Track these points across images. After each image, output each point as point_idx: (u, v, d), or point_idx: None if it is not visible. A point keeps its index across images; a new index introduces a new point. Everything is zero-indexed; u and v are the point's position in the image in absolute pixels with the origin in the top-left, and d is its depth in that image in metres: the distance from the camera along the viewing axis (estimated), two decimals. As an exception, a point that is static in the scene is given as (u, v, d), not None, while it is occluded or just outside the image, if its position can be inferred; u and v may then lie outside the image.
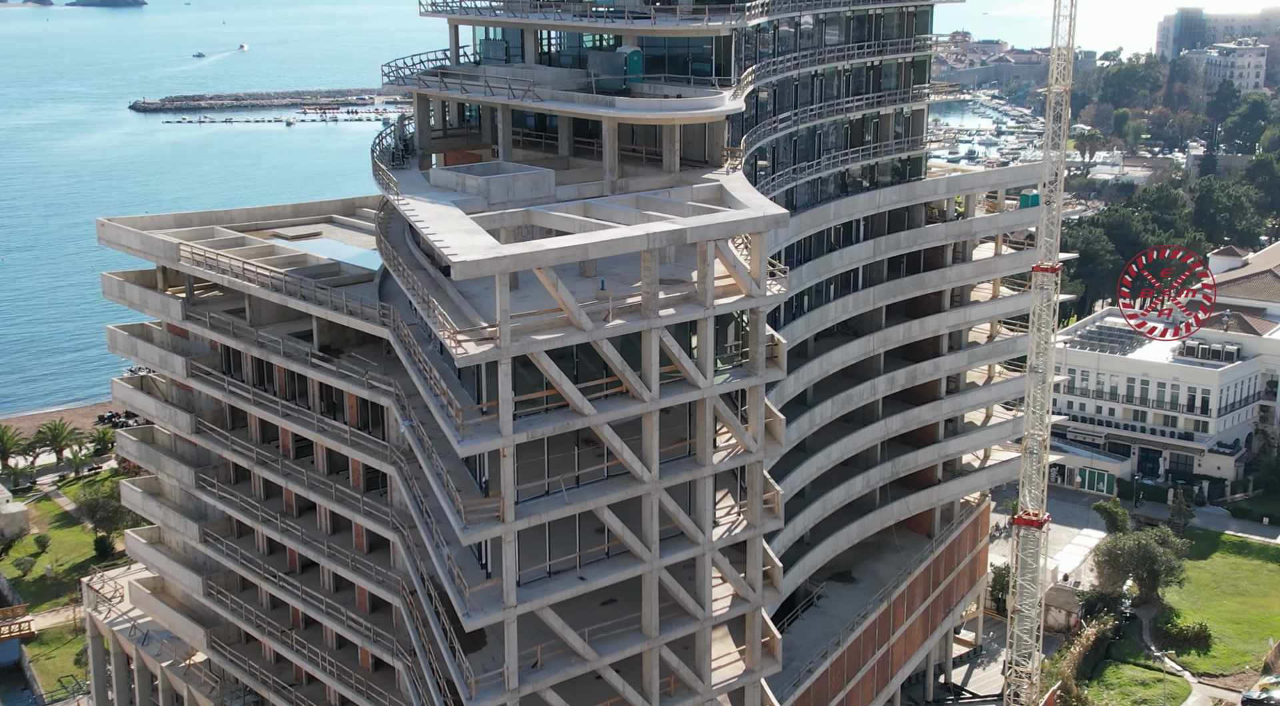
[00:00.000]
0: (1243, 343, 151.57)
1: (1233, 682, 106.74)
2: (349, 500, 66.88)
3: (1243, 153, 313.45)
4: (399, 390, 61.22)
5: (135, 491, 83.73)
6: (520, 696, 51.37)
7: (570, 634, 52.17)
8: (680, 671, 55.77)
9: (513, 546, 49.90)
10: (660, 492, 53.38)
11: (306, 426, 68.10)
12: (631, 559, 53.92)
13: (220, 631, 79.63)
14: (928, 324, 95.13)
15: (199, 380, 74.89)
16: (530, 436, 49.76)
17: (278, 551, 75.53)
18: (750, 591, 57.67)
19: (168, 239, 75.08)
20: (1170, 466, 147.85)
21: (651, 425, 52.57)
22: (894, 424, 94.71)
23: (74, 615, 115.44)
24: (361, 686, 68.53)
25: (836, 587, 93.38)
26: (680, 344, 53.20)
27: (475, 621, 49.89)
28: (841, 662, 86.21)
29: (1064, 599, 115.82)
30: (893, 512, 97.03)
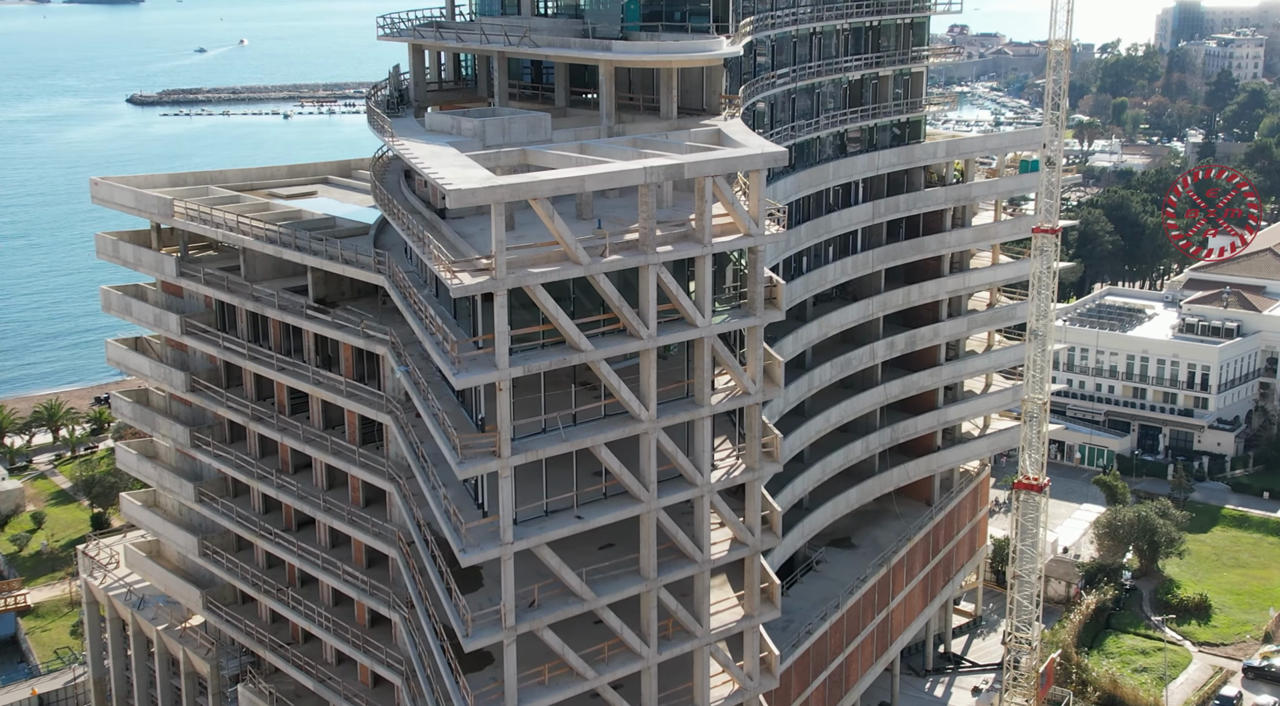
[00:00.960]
0: (1243, 319, 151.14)
1: (1233, 651, 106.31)
2: (345, 452, 66.38)
3: (1241, 141, 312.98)
4: (394, 337, 60.76)
5: (130, 453, 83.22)
6: (517, 634, 50.84)
7: (567, 572, 51.67)
8: (678, 614, 55.27)
9: (509, 482, 49.41)
10: (658, 432, 52.89)
11: (302, 379, 67.56)
12: (629, 499, 53.43)
13: (216, 592, 79.15)
14: (927, 289, 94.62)
15: (194, 337, 74.36)
16: (526, 370, 49.27)
17: (274, 510, 75.06)
18: (749, 535, 57.18)
19: (161, 195, 74.62)
20: (1170, 443, 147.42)
21: (649, 362, 52.07)
22: (893, 389, 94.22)
23: (70, 589, 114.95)
24: (358, 641, 68.07)
25: (836, 553, 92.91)
26: (679, 285, 52.68)
27: (471, 557, 49.39)
28: (841, 625, 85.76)
29: (1064, 570, 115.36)
30: (892, 479, 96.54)
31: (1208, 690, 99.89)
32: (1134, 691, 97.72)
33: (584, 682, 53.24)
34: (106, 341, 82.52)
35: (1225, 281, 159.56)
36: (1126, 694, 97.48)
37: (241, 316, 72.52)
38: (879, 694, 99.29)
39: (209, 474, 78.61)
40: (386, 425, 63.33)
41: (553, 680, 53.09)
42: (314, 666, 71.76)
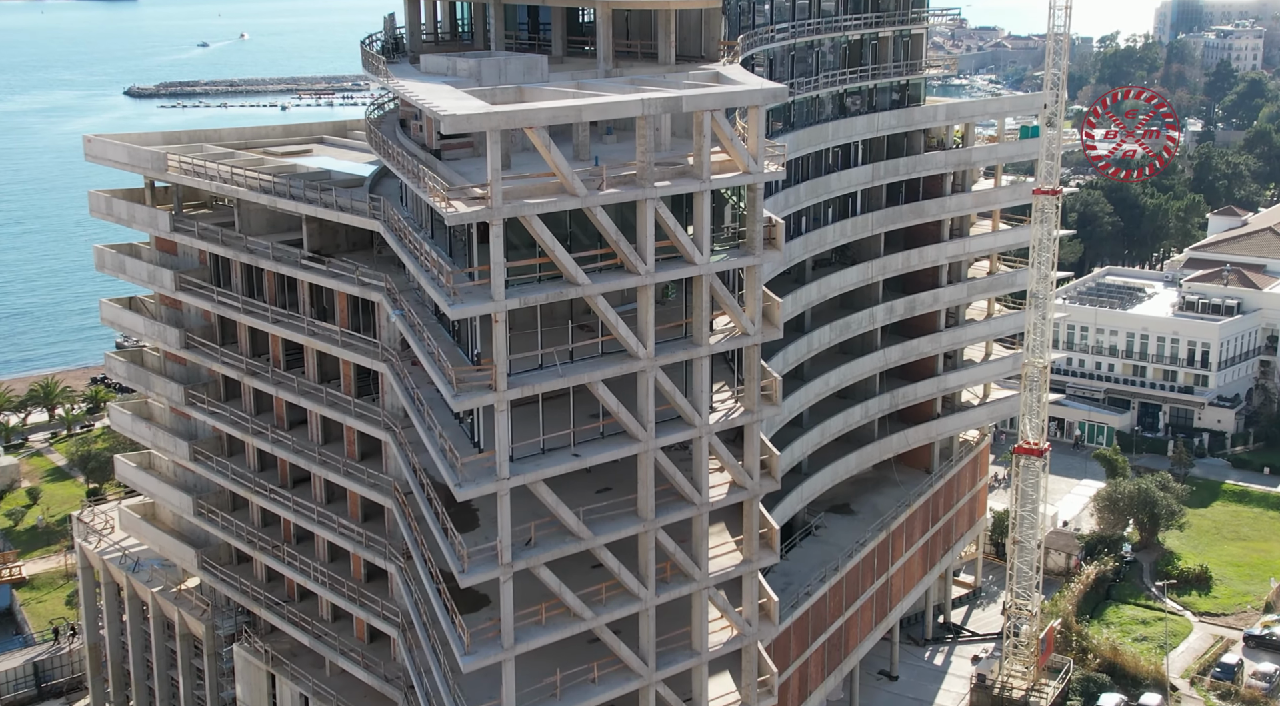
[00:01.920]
0: (1243, 297, 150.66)
1: (1234, 622, 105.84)
2: (341, 404, 65.85)
3: (1240, 130, 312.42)
4: (390, 283, 60.23)
5: (124, 413, 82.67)
6: (514, 572, 50.27)
7: (564, 510, 51.09)
8: (677, 557, 54.69)
9: (505, 416, 48.85)
10: (656, 371, 52.33)
11: (297, 331, 67.03)
12: (627, 439, 52.86)
13: (211, 552, 78.61)
14: (927, 254, 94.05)
15: (188, 293, 73.81)
16: (523, 303, 48.69)
17: (269, 467, 74.48)
18: (748, 478, 56.63)
19: (155, 150, 74.08)
20: (1170, 420, 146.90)
21: (647, 299, 51.50)
22: (893, 354, 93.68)
23: (65, 562, 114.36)
24: (354, 595, 67.57)
25: (835, 519, 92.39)
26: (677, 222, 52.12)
27: (467, 491, 48.83)
28: (840, 589, 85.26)
29: (1063, 542, 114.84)
30: (891, 445, 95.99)
31: (1209, 658, 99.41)
32: (1135, 659, 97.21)
33: (581, 623, 52.70)
34: (101, 301, 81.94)
35: (1225, 260, 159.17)
36: (1127, 661, 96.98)
37: (236, 270, 71.95)
38: (879, 662, 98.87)
39: (204, 432, 78.02)
40: (382, 374, 62.77)
41: (550, 620, 52.54)
42: (310, 622, 71.22)
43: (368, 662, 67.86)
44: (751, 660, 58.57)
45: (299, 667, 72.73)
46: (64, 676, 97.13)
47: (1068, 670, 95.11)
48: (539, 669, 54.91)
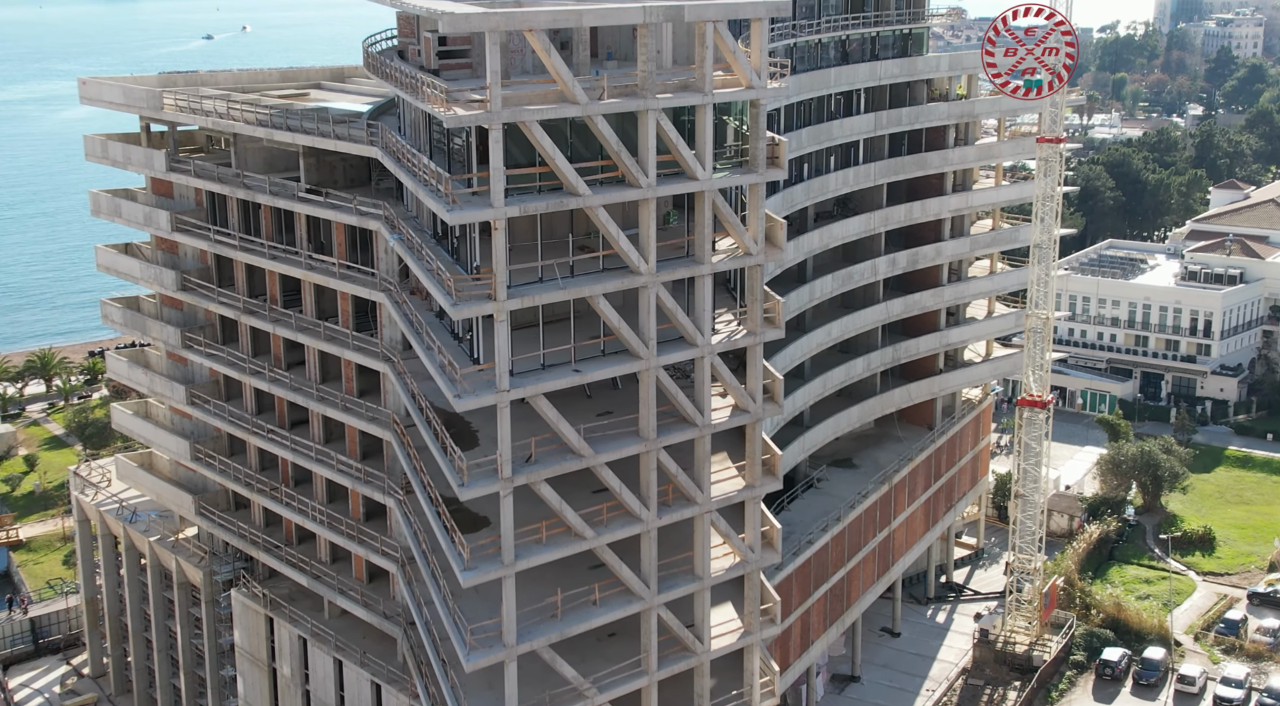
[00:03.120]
0: (1246, 267, 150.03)
1: (1238, 581, 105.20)
2: (338, 337, 65.21)
3: (1241, 116, 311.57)
4: (388, 210, 59.58)
5: (120, 361, 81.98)
6: (514, 486, 49.61)
7: (564, 425, 50.41)
8: (679, 479, 54.02)
9: (504, 326, 48.17)
10: (657, 287, 51.65)
11: (295, 265, 66.37)
12: (628, 356, 52.21)
13: (209, 498, 78.01)
14: (929, 206, 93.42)
15: (184, 233, 73.15)
16: (522, 210, 47.97)
17: (267, 410, 73.83)
18: (750, 402, 55.96)
19: (151, 89, 73.41)
20: (1173, 389, 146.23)
21: (648, 213, 50.83)
22: (895, 308, 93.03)
23: (62, 525, 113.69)
24: (353, 532, 66.94)
25: (837, 472, 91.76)
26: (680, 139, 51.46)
27: (467, 402, 48.16)
28: (842, 539, 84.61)
29: (1066, 504, 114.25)
30: (894, 399, 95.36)
31: (1213, 615, 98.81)
32: (1138, 615, 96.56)
33: (582, 543, 52.04)
34: (96, 247, 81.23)
35: (1228, 231, 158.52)
36: (1130, 617, 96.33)
37: (232, 209, 71.26)
38: (881, 619, 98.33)
39: (201, 377, 77.39)
40: (380, 304, 62.09)
41: (550, 539, 51.89)
42: (309, 563, 70.60)
43: (367, 601, 67.27)
44: (754, 587, 57.95)
45: (297, 611, 72.11)
46: (61, 632, 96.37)
47: (1071, 625, 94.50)
48: (540, 593, 54.31)
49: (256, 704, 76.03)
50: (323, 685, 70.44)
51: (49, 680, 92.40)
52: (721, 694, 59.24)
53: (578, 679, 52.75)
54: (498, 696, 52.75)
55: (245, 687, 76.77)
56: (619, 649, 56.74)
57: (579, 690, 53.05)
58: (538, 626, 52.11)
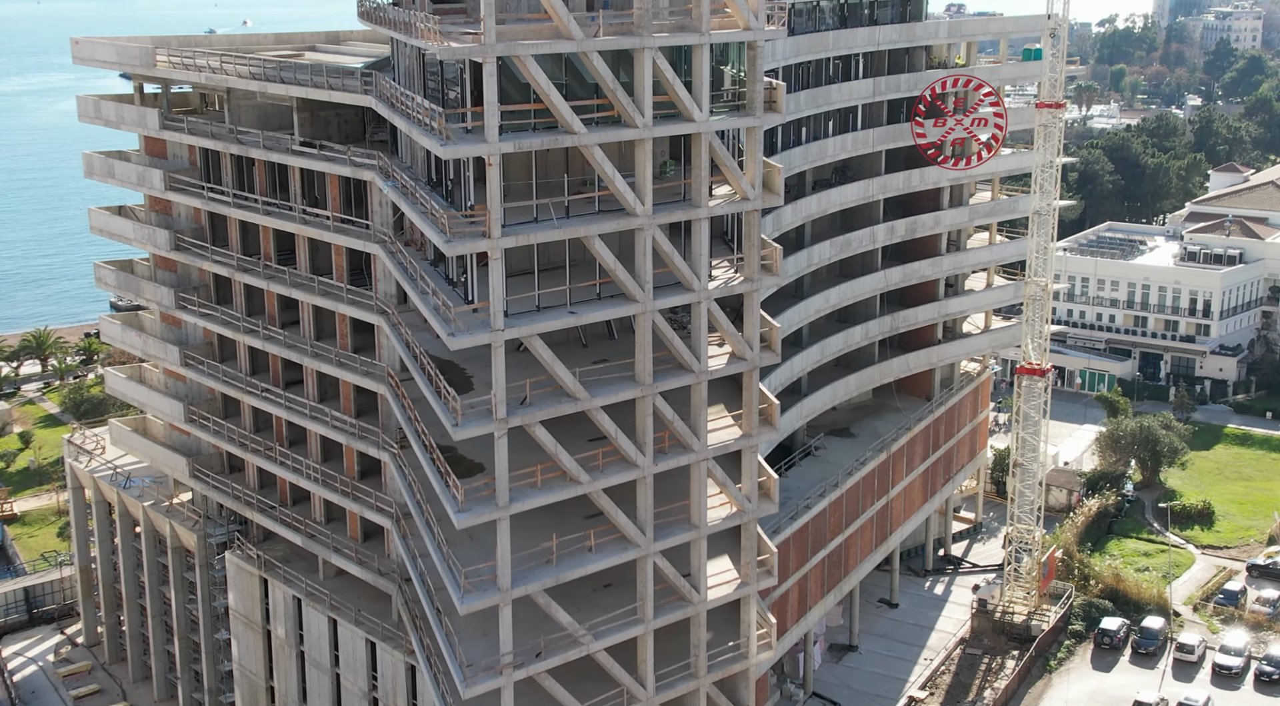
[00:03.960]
0: (1245, 247, 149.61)
1: (1237, 554, 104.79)
2: (333, 292, 64.77)
3: (1240, 106, 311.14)
4: (382, 160, 59.12)
5: (114, 324, 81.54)
6: (508, 427, 49.14)
7: (560, 367, 49.92)
8: (675, 425, 53.56)
9: (499, 264, 47.70)
10: (654, 229, 51.20)
11: (289, 220, 65.89)
12: (624, 300, 51.76)
13: (203, 460, 77.53)
14: (928, 174, 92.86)
15: (178, 192, 72.66)
16: (517, 147, 47.48)
17: (261, 371, 73.36)
18: (748, 349, 55.48)
19: (144, 46, 72.91)
20: (1172, 369, 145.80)
21: (645, 154, 50.35)
22: (893, 276, 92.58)
23: (57, 499, 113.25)
24: (347, 489, 66.50)
25: (835, 441, 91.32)
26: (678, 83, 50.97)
27: (461, 340, 47.64)
28: (840, 506, 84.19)
29: (1065, 479, 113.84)
30: (892, 369, 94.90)
31: (1211, 587, 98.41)
32: (1137, 586, 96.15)
33: (577, 487, 51.57)
34: (90, 209, 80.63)
35: (1227, 213, 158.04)
36: (1129, 588, 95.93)
37: (226, 166, 70.80)
38: (879, 590, 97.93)
39: (194, 338, 76.93)
40: (375, 256, 61.63)
41: (545, 482, 51.43)
42: (303, 523, 70.14)
43: (361, 559, 66.85)
44: (751, 538, 57.50)
45: (292, 572, 71.65)
46: (55, 603, 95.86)
47: (1069, 596, 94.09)
48: (535, 541, 53.83)
49: (251, 666, 75.60)
50: (317, 645, 70.00)
51: (43, 649, 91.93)
52: (718, 645, 58.81)
53: (573, 625, 52.29)
54: (492, 644, 52.30)
55: (239, 651, 76.33)
56: (615, 599, 56.28)
57: (574, 636, 52.59)
58: (532, 571, 51.66)
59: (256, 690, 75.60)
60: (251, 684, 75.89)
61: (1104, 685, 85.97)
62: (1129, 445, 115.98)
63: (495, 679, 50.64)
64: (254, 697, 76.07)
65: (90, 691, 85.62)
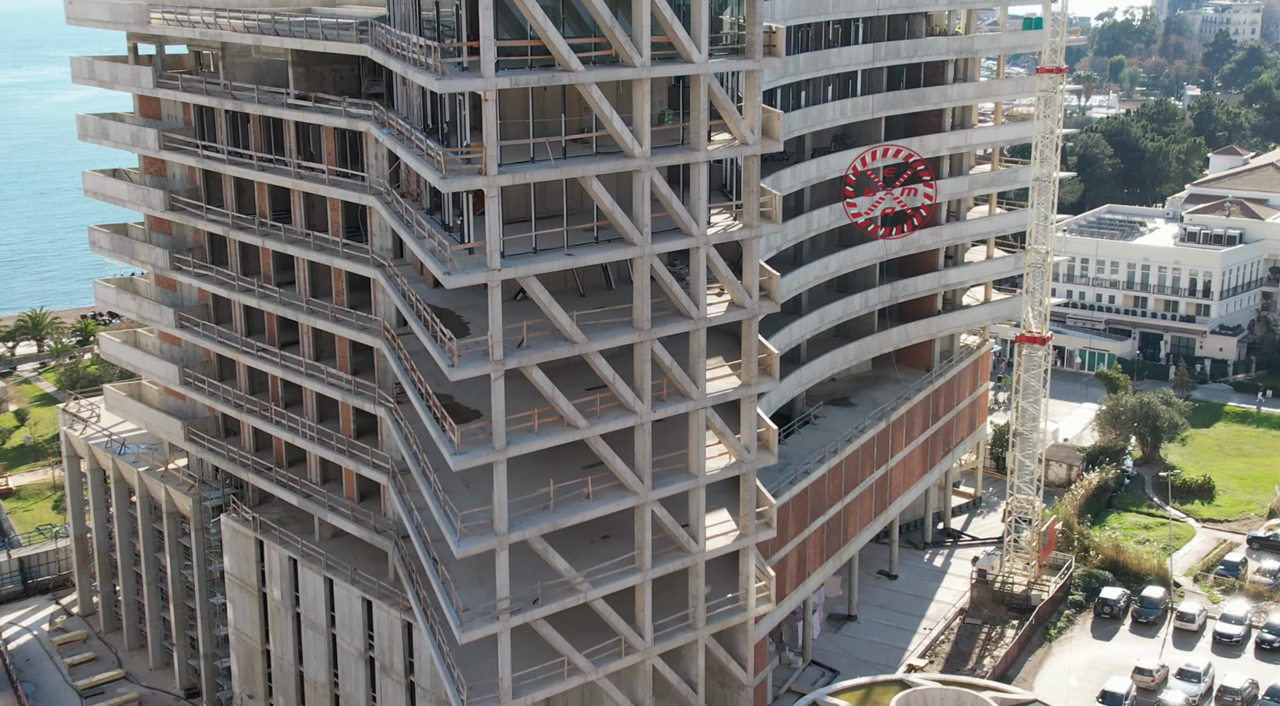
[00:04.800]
0: (1245, 227, 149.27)
1: (1237, 527, 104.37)
2: (329, 247, 64.27)
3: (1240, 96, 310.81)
4: (377, 109, 58.61)
5: (109, 288, 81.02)
6: (504, 368, 48.62)
7: (557, 309, 49.42)
8: (673, 372, 53.05)
9: (495, 201, 47.19)
10: (652, 171, 50.69)
11: (284, 175, 65.37)
12: (622, 244, 51.28)
13: (198, 423, 77.02)
14: (928, 142, 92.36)
15: (172, 151, 72.13)
16: (513, 83, 46.96)
17: (257, 332, 72.83)
18: (746, 297, 54.99)
19: (137, 3, 72.42)
20: (1171, 349, 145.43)
21: (643, 94, 49.84)
22: (893, 245, 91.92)
23: (52, 474, 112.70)
24: (343, 447, 65.99)
25: (834, 410, 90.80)
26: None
27: (456, 280, 47.18)
28: (839, 472, 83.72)
29: (1065, 454, 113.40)
30: (891, 338, 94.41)
31: (1212, 558, 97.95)
32: (1137, 557, 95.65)
33: (575, 432, 51.07)
34: (84, 172, 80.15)
35: (1227, 195, 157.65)
36: (1130, 559, 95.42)
37: (221, 124, 70.26)
38: (878, 563, 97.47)
39: (189, 299, 76.43)
40: (371, 211, 61.14)
41: (542, 427, 50.95)
42: (299, 482, 69.64)
43: (357, 517, 66.34)
44: (749, 489, 57.02)
45: (288, 533, 71.15)
46: (50, 574, 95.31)
47: (1069, 566, 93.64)
48: (533, 490, 53.34)
49: (246, 630, 75.10)
50: (313, 605, 69.49)
51: (38, 618, 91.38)
52: (717, 597, 58.33)
53: (570, 571, 51.80)
54: (489, 592, 51.82)
55: (235, 614, 75.82)
56: (612, 551, 55.80)
57: (571, 584, 52.10)
58: (529, 517, 51.18)
59: (252, 653, 75.11)
60: (247, 647, 75.40)
61: (1104, 653, 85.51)
62: (1129, 421, 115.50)
63: (492, 624, 50.16)
64: (249, 661, 75.59)
65: (85, 659, 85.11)
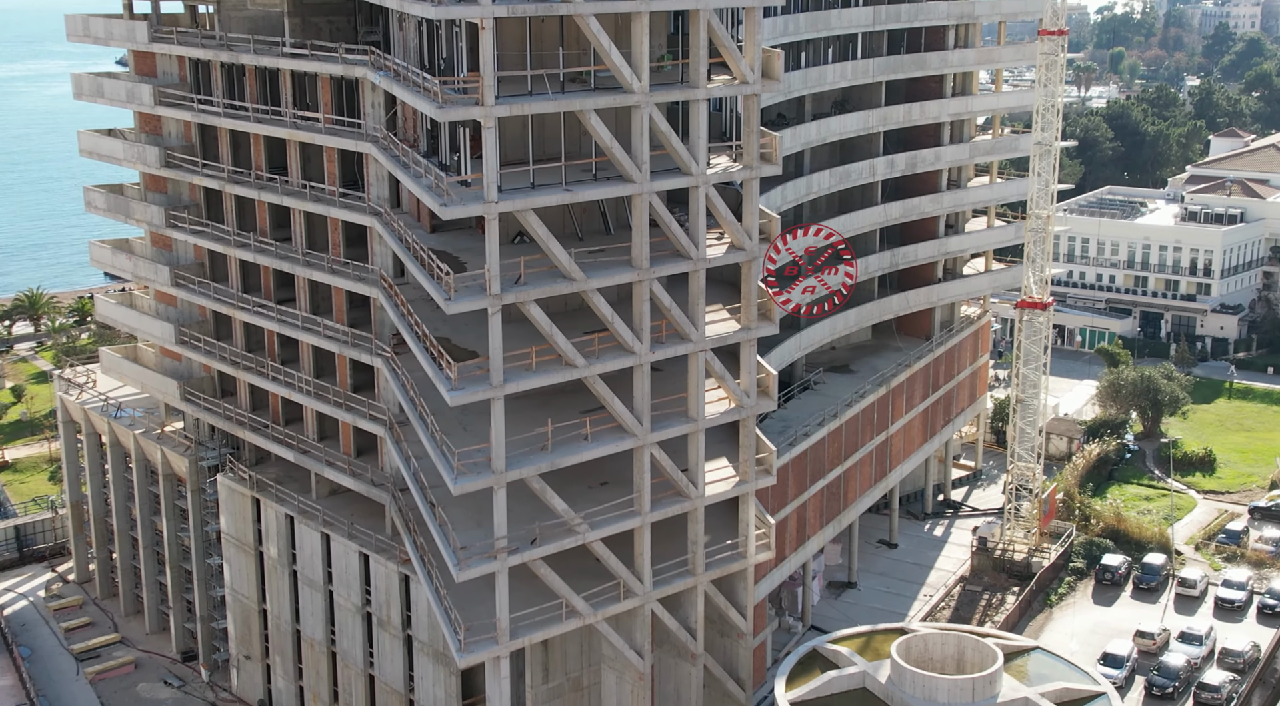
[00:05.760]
0: (1246, 207, 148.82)
1: (1239, 498, 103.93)
2: (325, 198, 63.80)
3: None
4: (374, 54, 58.12)
5: (104, 248, 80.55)
6: (501, 303, 48.13)
7: (555, 245, 48.97)
8: (672, 312, 52.58)
9: (493, 133, 46.72)
10: (651, 107, 50.25)
11: (280, 126, 64.89)
12: (621, 180, 50.81)
13: (194, 383, 76.55)
14: (928, 108, 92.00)
15: (168, 106, 71.68)
16: (510, 11, 46.50)
17: (253, 289, 72.35)
18: (746, 239, 54.53)
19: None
20: (1172, 328, 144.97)
21: (641, 28, 49.37)
22: (893, 211, 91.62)
23: (49, 447, 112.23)
24: (340, 401, 65.53)
25: (835, 377, 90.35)
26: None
27: (453, 211, 46.71)
28: (839, 436, 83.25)
29: (1065, 427, 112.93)
30: (892, 306, 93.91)
31: (1213, 528, 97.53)
32: (1139, 525, 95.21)
33: (573, 371, 50.61)
34: (79, 132, 79.63)
35: (1228, 175, 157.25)
36: (1131, 528, 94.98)
37: (216, 77, 69.76)
38: (878, 532, 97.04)
39: (185, 258, 75.94)
40: (367, 158, 60.67)
41: (540, 365, 50.50)
42: (296, 438, 69.16)
43: (354, 471, 65.89)
44: (749, 435, 56.56)
45: (285, 490, 70.69)
46: (46, 542, 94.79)
47: (1070, 535, 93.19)
48: (531, 431, 52.88)
49: (243, 590, 74.62)
50: (310, 562, 69.02)
51: (34, 586, 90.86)
52: (716, 544, 57.88)
53: (568, 512, 51.33)
54: (487, 533, 51.35)
55: (231, 575, 75.33)
56: (611, 495, 55.32)
57: (569, 525, 51.63)
58: (527, 456, 50.73)
59: (249, 613, 74.63)
60: (244, 607, 74.92)
61: (1105, 618, 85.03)
62: (1130, 395, 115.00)
63: (489, 563, 49.70)
64: (246, 622, 75.11)
65: (81, 623, 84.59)
